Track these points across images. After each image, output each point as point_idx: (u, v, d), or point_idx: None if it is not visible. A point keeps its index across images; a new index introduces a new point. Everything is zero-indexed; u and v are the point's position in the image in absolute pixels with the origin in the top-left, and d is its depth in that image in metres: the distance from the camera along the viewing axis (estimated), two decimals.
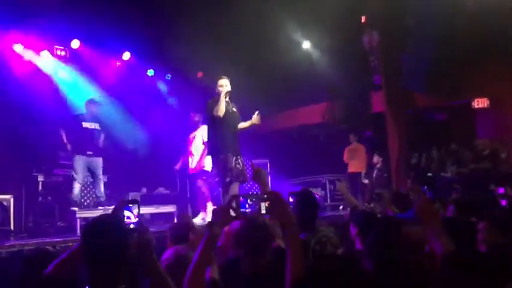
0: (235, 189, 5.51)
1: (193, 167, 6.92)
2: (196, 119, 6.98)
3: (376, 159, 9.35)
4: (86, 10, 7.43)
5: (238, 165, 5.57)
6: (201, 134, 6.86)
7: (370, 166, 9.50)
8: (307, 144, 11.19)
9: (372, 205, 4.22)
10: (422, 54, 8.69)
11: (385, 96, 9.52)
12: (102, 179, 6.57)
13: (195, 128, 7.02)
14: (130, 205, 2.17)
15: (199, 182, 6.80)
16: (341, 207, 9.08)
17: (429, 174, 8.63)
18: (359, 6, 8.80)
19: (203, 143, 6.80)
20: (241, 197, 2.12)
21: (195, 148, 6.90)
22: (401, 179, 8.99)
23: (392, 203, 3.84)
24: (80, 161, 6.34)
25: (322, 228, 2.89)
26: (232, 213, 2.07)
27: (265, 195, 2.07)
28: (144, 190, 8.87)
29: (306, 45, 10.05)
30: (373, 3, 8.72)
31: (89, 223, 1.87)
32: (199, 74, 10.52)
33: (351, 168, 9.49)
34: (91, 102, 6.61)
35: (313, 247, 2.83)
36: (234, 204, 2.07)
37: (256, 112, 5.61)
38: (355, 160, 9.45)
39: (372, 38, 8.94)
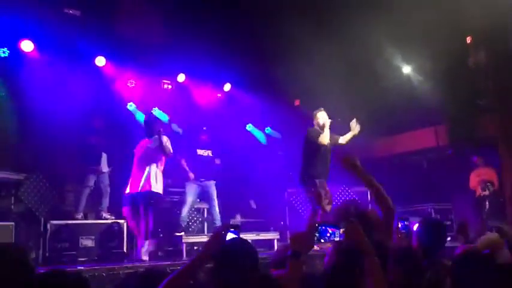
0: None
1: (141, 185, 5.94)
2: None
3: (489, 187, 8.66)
4: (190, 45, 7.88)
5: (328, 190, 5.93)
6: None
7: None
8: (409, 172, 10.70)
9: None
10: None
11: (497, 119, 8.83)
12: (216, 203, 6.92)
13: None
14: (231, 230, 2.25)
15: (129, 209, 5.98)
16: (449, 239, 8.48)
17: None
18: (463, 25, 8.37)
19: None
20: (321, 225, 2.12)
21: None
22: None
23: None
24: (191, 187, 6.78)
25: (445, 262, 2.68)
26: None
27: (344, 224, 2.09)
28: (238, 217, 8.93)
29: (407, 69, 9.74)
30: (479, 21, 8.24)
31: (224, 248, 1.96)
32: (297, 102, 10.63)
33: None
34: (202, 131, 7.11)
35: (428, 279, 2.66)
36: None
37: (354, 121, 5.70)
38: None
39: (479, 58, 8.41)
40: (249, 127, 10.60)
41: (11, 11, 6.56)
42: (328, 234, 2.13)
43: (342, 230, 2.10)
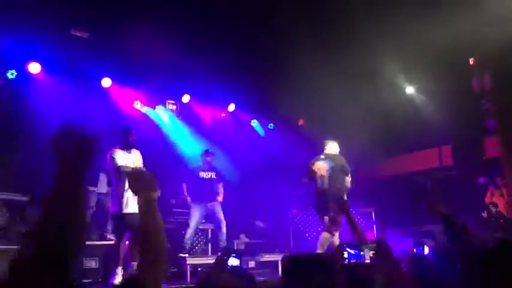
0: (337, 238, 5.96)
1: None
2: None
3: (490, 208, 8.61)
4: (195, 66, 7.95)
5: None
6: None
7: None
8: (414, 192, 10.64)
9: None
10: None
11: (500, 141, 8.84)
12: (223, 224, 6.86)
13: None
14: (233, 255, 2.25)
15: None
16: None
17: None
18: (467, 47, 8.42)
19: None
20: (347, 247, 2.10)
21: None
22: None
23: None
24: (195, 209, 6.78)
25: None
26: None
27: (371, 245, 2.05)
28: (242, 237, 8.83)
29: (410, 90, 9.78)
30: (482, 43, 8.29)
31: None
32: (300, 122, 10.66)
33: None
34: (206, 153, 7.08)
35: None
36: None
37: None
38: None
39: (483, 80, 8.44)
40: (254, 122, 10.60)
41: (19, 33, 6.65)
42: (346, 255, 2.11)
43: (371, 252, 2.08)
